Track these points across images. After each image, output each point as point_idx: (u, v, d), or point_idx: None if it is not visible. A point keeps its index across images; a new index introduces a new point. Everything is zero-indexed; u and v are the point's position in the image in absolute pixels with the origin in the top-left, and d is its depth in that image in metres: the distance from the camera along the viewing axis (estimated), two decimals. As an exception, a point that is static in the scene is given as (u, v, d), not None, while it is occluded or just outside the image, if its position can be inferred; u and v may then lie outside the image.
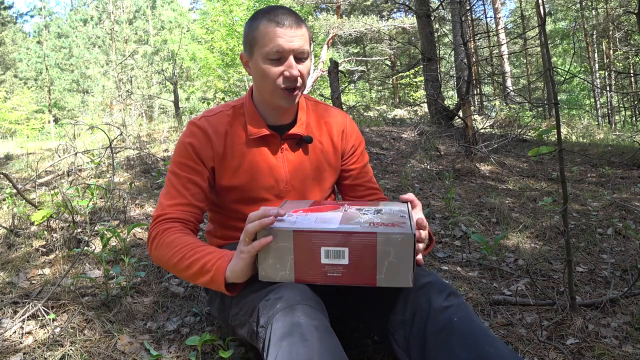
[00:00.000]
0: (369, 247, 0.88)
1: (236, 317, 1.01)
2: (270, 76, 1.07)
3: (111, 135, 4.83)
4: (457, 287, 1.73)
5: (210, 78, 14.51)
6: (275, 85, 1.08)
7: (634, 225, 2.46)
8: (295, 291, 0.90)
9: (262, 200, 1.18)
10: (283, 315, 0.85)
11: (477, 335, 0.87)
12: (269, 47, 1.04)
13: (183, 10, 21.80)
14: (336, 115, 1.28)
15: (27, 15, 26.29)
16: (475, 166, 4.00)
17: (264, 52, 1.05)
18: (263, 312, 0.89)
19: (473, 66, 7.29)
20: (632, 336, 1.33)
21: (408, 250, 0.87)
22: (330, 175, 1.27)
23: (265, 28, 1.04)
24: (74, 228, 2.07)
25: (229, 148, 1.16)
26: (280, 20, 1.04)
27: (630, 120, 17.15)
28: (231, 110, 1.19)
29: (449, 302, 0.93)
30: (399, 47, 18.07)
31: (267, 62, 1.06)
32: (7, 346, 1.25)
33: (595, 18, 16.74)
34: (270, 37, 1.04)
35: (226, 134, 1.16)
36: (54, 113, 19.12)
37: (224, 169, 1.16)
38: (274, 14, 1.05)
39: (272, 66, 1.06)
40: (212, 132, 1.15)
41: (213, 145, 1.14)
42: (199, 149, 1.14)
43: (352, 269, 0.89)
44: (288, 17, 1.05)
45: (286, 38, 1.04)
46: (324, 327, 0.86)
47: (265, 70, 1.07)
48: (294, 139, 1.20)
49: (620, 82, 16.85)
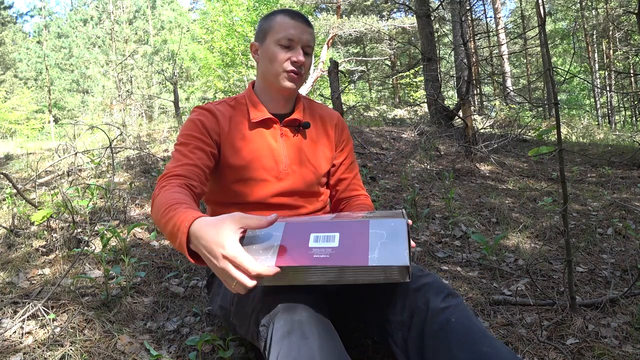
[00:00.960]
0: (361, 231, 0.86)
1: (237, 315, 1.02)
2: (279, 59, 1.19)
3: (111, 135, 4.83)
4: (457, 287, 1.73)
5: (210, 78, 14.50)
6: (282, 67, 1.19)
7: (634, 225, 2.46)
8: (297, 290, 0.91)
9: (262, 180, 1.21)
10: (285, 313, 0.85)
11: (475, 336, 0.87)
12: (283, 34, 1.18)
13: (183, 10, 21.81)
14: (329, 111, 1.40)
15: (27, 15, 26.32)
16: (475, 166, 4.00)
17: (277, 38, 1.19)
18: (264, 310, 0.90)
19: (473, 66, 7.29)
20: (632, 336, 1.33)
21: (401, 232, 0.85)
22: (325, 163, 1.32)
23: (282, 19, 1.20)
24: (74, 228, 2.07)
25: (233, 130, 1.23)
26: (295, 17, 1.21)
27: (630, 120, 17.16)
28: (233, 101, 1.29)
29: (447, 303, 0.93)
30: (399, 47, 18.07)
31: (278, 47, 1.19)
32: (7, 346, 1.25)
33: (595, 18, 16.74)
34: (285, 27, 1.19)
35: (230, 119, 1.24)
36: (54, 113, 19.12)
37: (227, 147, 1.22)
38: (290, 12, 1.22)
39: (282, 51, 1.19)
40: (219, 114, 1.24)
41: (220, 124, 1.22)
42: (207, 124, 1.21)
43: (342, 251, 0.84)
44: (301, 17, 1.22)
45: (299, 30, 1.19)
46: (325, 325, 0.86)
47: (276, 53, 1.19)
48: (292, 125, 1.28)
49: (620, 82, 16.85)
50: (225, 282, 0.83)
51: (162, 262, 1.85)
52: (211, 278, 1.29)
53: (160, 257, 1.91)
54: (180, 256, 1.93)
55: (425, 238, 2.26)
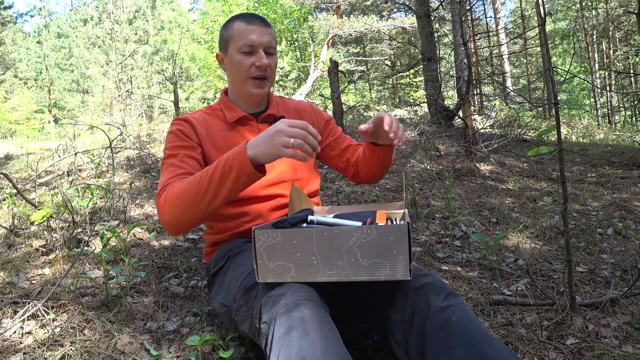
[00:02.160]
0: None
1: (239, 312, 1.03)
2: (243, 66, 1.23)
3: (111, 135, 4.83)
4: (457, 287, 1.73)
5: (210, 78, 14.50)
6: (247, 74, 1.24)
7: (634, 225, 2.46)
8: (298, 288, 0.91)
9: None
10: (287, 311, 0.86)
11: (476, 335, 0.87)
12: (243, 41, 1.22)
13: (183, 10, 21.80)
14: (301, 104, 1.48)
15: (27, 15, 26.34)
16: (475, 166, 4.00)
17: (238, 46, 1.22)
18: (266, 308, 0.90)
19: (473, 66, 7.29)
20: (632, 336, 1.33)
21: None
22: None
23: (239, 27, 1.23)
24: (74, 228, 2.07)
25: (210, 134, 1.28)
26: (251, 21, 1.23)
27: (630, 120, 17.15)
28: (209, 109, 1.35)
29: (448, 302, 0.93)
30: (399, 47, 18.06)
31: (240, 54, 1.23)
32: (7, 346, 1.25)
33: (595, 18, 16.73)
34: (244, 34, 1.22)
35: (207, 124, 1.29)
36: (54, 113, 19.11)
37: (209, 149, 1.26)
38: (245, 17, 1.24)
39: (245, 58, 1.23)
40: (194, 121, 1.28)
41: (196, 130, 1.27)
42: (187, 132, 1.26)
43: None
44: (258, 19, 1.24)
45: (257, 34, 1.22)
46: (327, 322, 0.87)
47: (239, 62, 1.23)
48: (268, 120, 1.33)
49: (620, 82, 16.85)
50: (282, 145, 0.94)
51: (162, 262, 1.85)
52: (212, 277, 1.29)
53: (160, 257, 1.91)
54: (180, 256, 1.93)
55: (425, 238, 2.26)
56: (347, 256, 0.91)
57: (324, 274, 0.92)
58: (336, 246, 0.90)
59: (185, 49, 15.85)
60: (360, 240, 0.89)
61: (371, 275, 0.90)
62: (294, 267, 0.92)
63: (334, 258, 0.91)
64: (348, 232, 0.90)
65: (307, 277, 0.93)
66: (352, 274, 0.91)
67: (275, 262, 0.93)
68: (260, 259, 0.93)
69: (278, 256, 0.93)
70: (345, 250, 0.90)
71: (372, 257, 0.90)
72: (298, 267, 0.92)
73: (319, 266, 0.92)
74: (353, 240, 0.90)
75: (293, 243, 0.92)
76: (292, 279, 0.93)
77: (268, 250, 0.92)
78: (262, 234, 0.93)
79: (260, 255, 0.93)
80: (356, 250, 0.90)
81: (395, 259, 0.89)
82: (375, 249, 0.89)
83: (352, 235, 0.89)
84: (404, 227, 0.88)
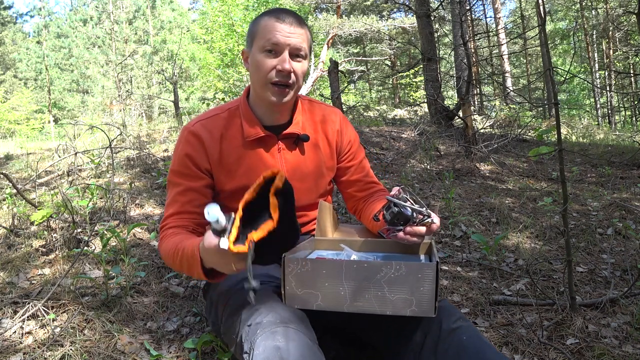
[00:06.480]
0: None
1: (226, 335, 1.03)
2: (263, 68, 1.08)
3: (111, 135, 4.82)
4: (457, 287, 1.73)
5: (210, 78, 14.49)
6: (266, 78, 1.09)
7: (634, 225, 2.46)
8: (275, 314, 0.90)
9: None
10: (263, 339, 0.85)
11: (487, 353, 0.89)
12: (266, 38, 1.07)
13: (183, 10, 21.78)
14: (330, 114, 1.29)
15: (27, 15, 26.29)
16: (475, 166, 4.00)
17: (261, 44, 1.08)
18: (246, 338, 0.90)
19: (473, 66, 7.29)
20: (632, 336, 1.33)
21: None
22: (327, 174, 1.28)
23: (266, 22, 1.09)
24: (74, 228, 2.07)
25: (224, 152, 1.16)
26: (281, 17, 1.08)
27: (630, 120, 17.14)
28: (226, 112, 1.20)
29: (458, 324, 0.95)
30: (399, 47, 18.07)
31: (262, 53, 1.09)
32: (7, 346, 1.25)
33: (595, 18, 16.73)
34: (268, 30, 1.07)
35: (221, 138, 1.16)
36: (54, 113, 19.10)
37: (221, 174, 1.16)
38: (276, 12, 1.09)
39: (266, 58, 1.08)
40: (207, 137, 1.15)
41: (208, 152, 1.15)
42: (195, 158, 1.15)
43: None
44: (289, 16, 1.09)
45: (284, 33, 1.07)
46: (306, 347, 0.85)
47: (259, 62, 1.09)
48: (290, 138, 1.20)
49: (620, 82, 16.85)
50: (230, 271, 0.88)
51: (162, 262, 1.85)
52: (206, 286, 1.25)
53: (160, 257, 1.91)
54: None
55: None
56: (375, 289, 0.91)
57: (350, 305, 0.93)
58: (364, 279, 0.91)
59: (185, 49, 15.84)
60: (388, 275, 0.90)
61: (397, 310, 0.91)
62: (321, 296, 0.93)
63: (362, 290, 0.92)
64: (377, 267, 0.91)
65: (333, 306, 0.94)
66: (378, 307, 0.92)
67: (303, 289, 0.94)
68: (288, 285, 0.94)
69: (306, 284, 0.94)
70: (373, 284, 0.91)
71: (399, 292, 0.91)
72: (325, 296, 0.93)
73: (346, 297, 0.93)
74: (381, 275, 0.90)
75: (322, 273, 0.92)
76: (318, 307, 0.94)
77: (297, 278, 0.94)
78: (292, 261, 0.93)
79: (289, 282, 0.94)
80: (384, 284, 0.91)
81: (421, 296, 0.90)
82: (403, 284, 0.90)
83: (381, 269, 0.90)
84: (433, 267, 0.89)
